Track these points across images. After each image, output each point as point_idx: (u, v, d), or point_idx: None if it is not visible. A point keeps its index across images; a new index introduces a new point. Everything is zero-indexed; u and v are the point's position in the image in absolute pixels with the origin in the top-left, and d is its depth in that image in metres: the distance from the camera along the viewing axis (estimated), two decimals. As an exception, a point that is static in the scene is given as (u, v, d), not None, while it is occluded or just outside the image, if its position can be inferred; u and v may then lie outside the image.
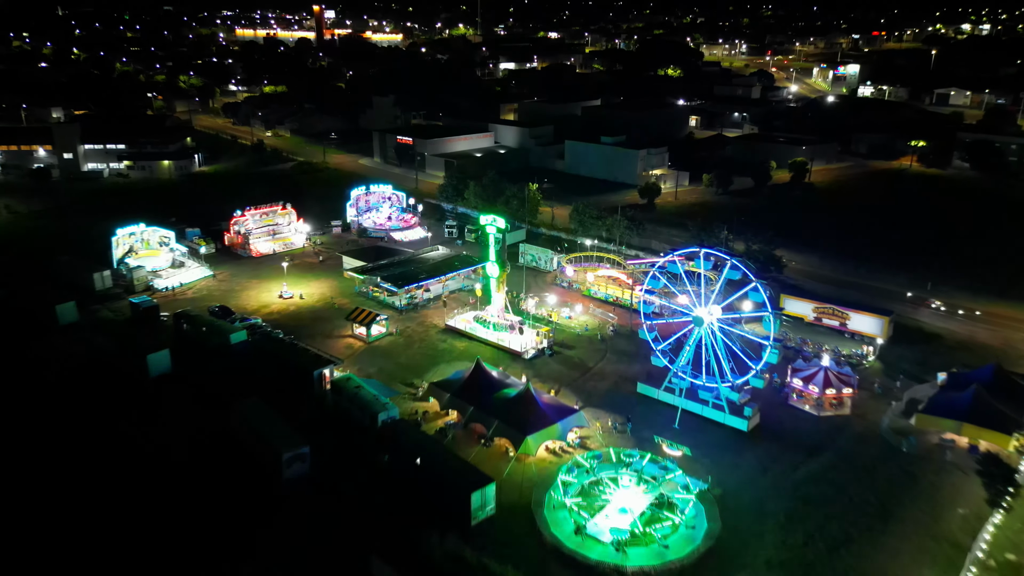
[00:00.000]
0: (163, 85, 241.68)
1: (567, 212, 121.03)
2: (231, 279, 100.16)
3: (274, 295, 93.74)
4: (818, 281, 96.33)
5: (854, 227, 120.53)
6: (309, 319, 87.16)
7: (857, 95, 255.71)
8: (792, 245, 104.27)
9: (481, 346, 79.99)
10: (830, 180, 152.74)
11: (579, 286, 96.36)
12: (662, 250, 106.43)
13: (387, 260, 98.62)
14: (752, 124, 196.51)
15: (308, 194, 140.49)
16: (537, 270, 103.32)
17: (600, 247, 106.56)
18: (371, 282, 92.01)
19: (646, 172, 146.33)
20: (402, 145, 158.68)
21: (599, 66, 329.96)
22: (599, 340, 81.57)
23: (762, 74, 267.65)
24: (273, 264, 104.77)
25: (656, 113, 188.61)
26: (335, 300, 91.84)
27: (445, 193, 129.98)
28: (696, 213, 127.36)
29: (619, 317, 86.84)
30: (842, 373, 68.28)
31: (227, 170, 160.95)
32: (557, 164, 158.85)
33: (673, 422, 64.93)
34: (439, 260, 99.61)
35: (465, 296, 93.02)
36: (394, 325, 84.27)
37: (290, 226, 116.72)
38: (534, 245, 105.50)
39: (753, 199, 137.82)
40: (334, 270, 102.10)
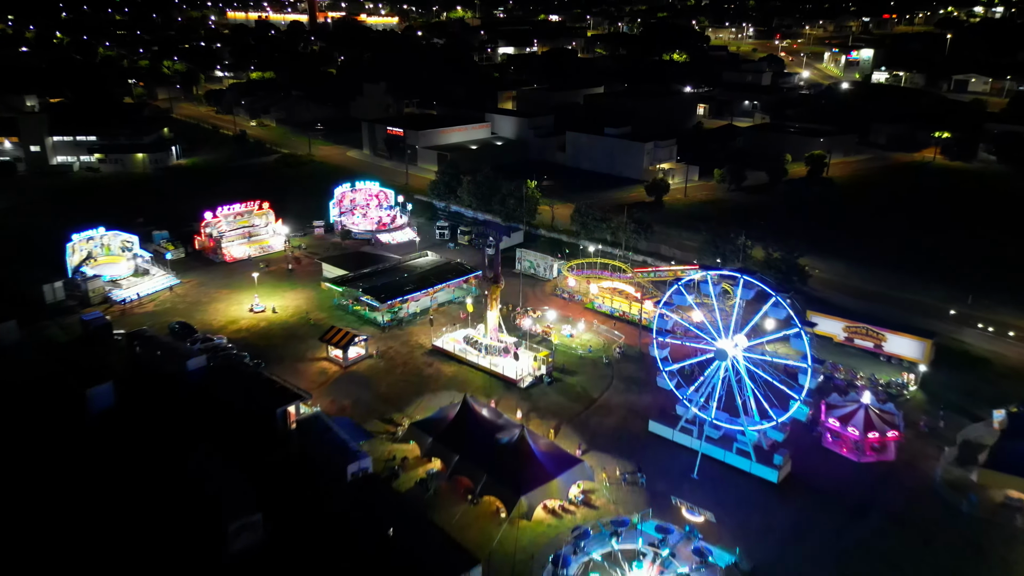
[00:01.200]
0: (146, 71, 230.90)
1: (568, 211, 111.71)
2: (199, 288, 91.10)
3: (244, 308, 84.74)
4: (845, 293, 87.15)
5: (879, 228, 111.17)
6: (281, 337, 78.22)
7: (871, 81, 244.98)
8: (814, 250, 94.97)
9: (472, 371, 71.13)
10: (849, 174, 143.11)
11: (581, 297, 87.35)
12: (672, 256, 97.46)
13: (370, 268, 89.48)
14: (763, 113, 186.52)
15: (291, 190, 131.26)
16: (535, 278, 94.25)
17: (604, 252, 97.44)
18: (351, 295, 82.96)
19: (653, 166, 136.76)
20: (392, 136, 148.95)
21: (601, 50, 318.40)
22: (604, 363, 72.67)
23: (772, 59, 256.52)
24: (248, 270, 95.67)
25: (662, 101, 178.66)
26: (311, 315, 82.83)
27: (436, 190, 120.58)
28: (708, 213, 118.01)
29: (626, 335, 77.88)
30: (884, 410, 59.38)
31: (206, 163, 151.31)
32: (558, 157, 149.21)
33: (691, 469, 56.16)
34: (427, 269, 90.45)
35: (456, 309, 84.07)
36: (375, 346, 75.34)
37: (268, 227, 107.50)
38: (532, 251, 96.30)
39: (768, 196, 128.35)
40: (312, 279, 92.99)
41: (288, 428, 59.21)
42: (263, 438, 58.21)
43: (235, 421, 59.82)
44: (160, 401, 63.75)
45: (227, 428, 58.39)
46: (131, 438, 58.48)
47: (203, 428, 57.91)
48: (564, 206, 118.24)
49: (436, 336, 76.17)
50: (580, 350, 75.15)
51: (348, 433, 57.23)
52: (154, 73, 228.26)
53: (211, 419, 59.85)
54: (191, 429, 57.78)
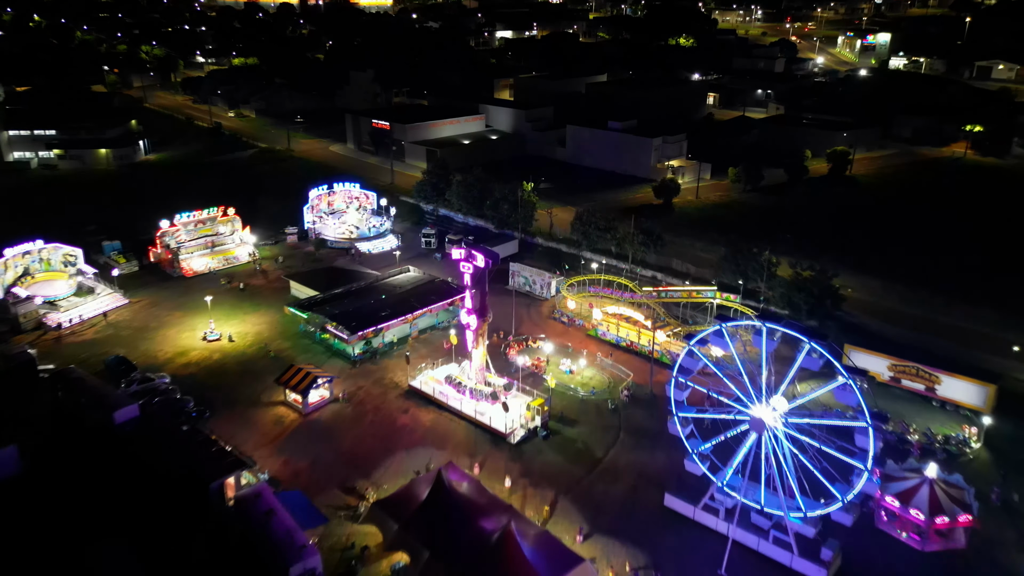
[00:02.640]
0: (123, 56, 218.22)
1: (568, 215, 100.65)
2: (150, 310, 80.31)
3: (198, 336, 74.02)
4: (883, 318, 76.15)
5: (914, 236, 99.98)
6: (235, 374, 67.52)
7: (889, 67, 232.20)
8: (842, 262, 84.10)
9: (454, 420, 60.53)
10: (873, 172, 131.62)
11: (582, 322, 76.59)
12: (686, 272, 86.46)
13: (342, 288, 78.66)
14: (777, 102, 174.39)
15: (266, 189, 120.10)
16: (530, 296, 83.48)
17: (608, 265, 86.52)
18: (317, 322, 72.11)
19: (661, 164, 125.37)
20: (377, 130, 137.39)
21: (604, 34, 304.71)
22: (610, 408, 62.01)
23: (784, 44, 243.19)
24: (208, 286, 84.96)
25: (670, 91, 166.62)
26: (271, 346, 72.03)
27: (423, 192, 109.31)
28: (723, 217, 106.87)
29: (634, 372, 67.15)
30: (952, 484, 48.79)
31: (177, 159, 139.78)
32: (557, 152, 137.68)
33: (717, 562, 45.66)
34: (408, 288, 79.62)
35: (439, 337, 73.38)
36: (342, 386, 64.67)
37: (234, 235, 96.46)
38: (527, 265, 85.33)
39: (787, 197, 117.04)
40: (279, 298, 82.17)
41: (225, 506, 48.67)
42: (191, 522, 47.65)
43: (160, 496, 49.25)
44: (76, 466, 53.11)
45: (149, 506, 47.87)
46: (26, 521, 47.83)
47: (120, 506, 47.44)
48: (564, 210, 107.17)
49: (414, 374, 65.48)
50: (581, 391, 64.49)
51: (299, 514, 46.67)
52: (131, 59, 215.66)
53: (131, 493, 49.27)
54: (105, 507, 47.30)
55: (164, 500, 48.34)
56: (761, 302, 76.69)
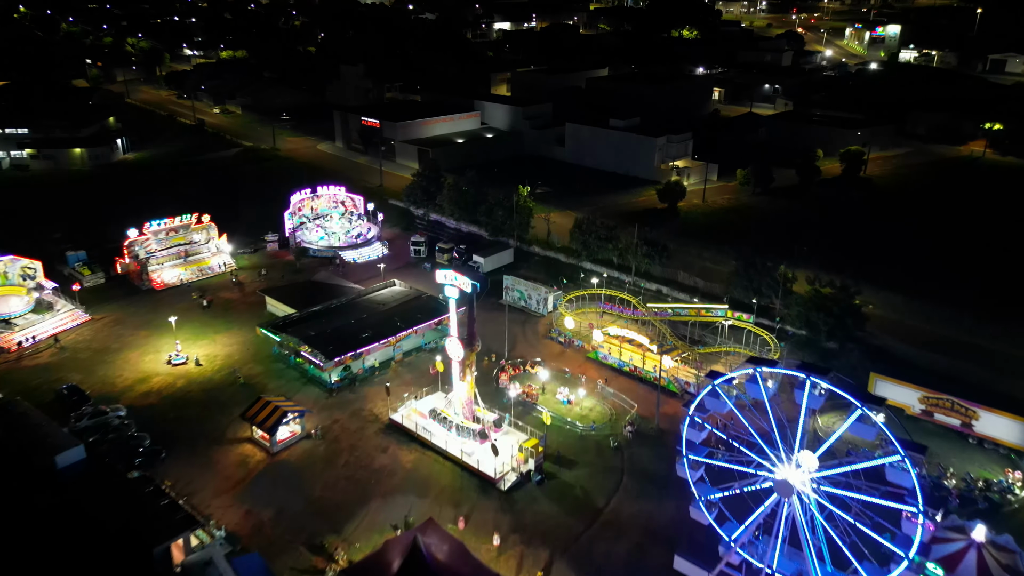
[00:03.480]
0: (108, 49, 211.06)
1: (567, 220, 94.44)
2: (113, 328, 74.15)
3: (163, 358, 67.90)
4: (908, 340, 69.78)
5: (935, 244, 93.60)
6: (199, 404, 61.42)
7: (899, 60, 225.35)
8: (860, 274, 77.94)
9: (438, 461, 54.45)
10: (889, 173, 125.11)
11: (582, 343, 70.43)
12: (694, 286, 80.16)
13: (321, 305, 72.44)
14: (785, 98, 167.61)
15: (248, 192, 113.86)
16: (526, 312, 77.30)
17: (610, 277, 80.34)
18: (291, 346, 65.84)
19: (666, 164, 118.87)
20: (367, 128, 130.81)
21: (605, 26, 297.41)
22: (612, 446, 55.92)
23: (791, 36, 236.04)
24: (180, 301, 79.02)
25: (674, 86, 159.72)
26: (241, 372, 65.84)
27: (413, 196, 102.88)
28: (731, 223, 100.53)
29: (639, 402, 61.05)
30: (1002, 546, 42.69)
31: (157, 158, 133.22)
32: (556, 152, 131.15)
33: (736, 641, 39.71)
34: (392, 305, 73.41)
35: (424, 360, 67.26)
36: (316, 420, 58.58)
37: (209, 244, 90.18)
38: (522, 278, 79.04)
39: (799, 201, 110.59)
40: (253, 315, 76.02)
41: (174, 572, 42.65)
42: (133, 594, 41.63)
43: (96, 562, 43.18)
44: (8, 522, 47.06)
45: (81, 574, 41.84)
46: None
47: (47, 574, 41.46)
48: (563, 215, 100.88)
49: (395, 406, 59.37)
50: (580, 425, 58.37)
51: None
52: (117, 52, 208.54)
53: (62, 557, 43.20)
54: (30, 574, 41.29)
55: (100, 567, 42.34)
56: (777, 322, 70.40)
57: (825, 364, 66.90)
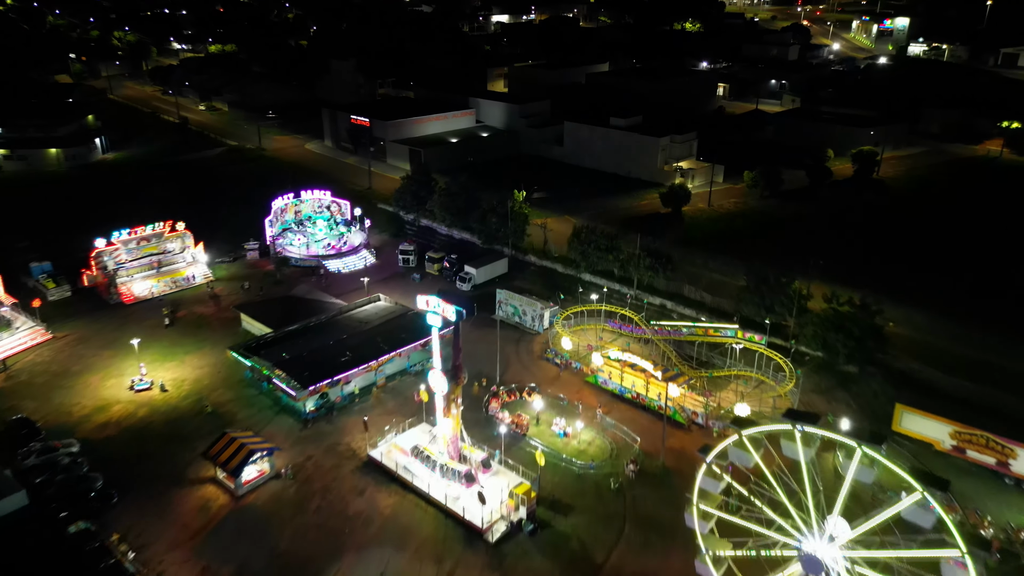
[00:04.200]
0: (94, 43, 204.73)
1: (565, 227, 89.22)
2: (75, 348, 68.82)
3: (126, 383, 62.60)
4: (934, 363, 64.15)
5: (958, 253, 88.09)
6: (161, 438, 56.14)
7: (907, 54, 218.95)
8: (878, 286, 72.81)
9: (419, 506, 49.22)
10: (902, 173, 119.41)
11: (580, 366, 65.12)
12: (700, 300, 74.77)
13: (299, 324, 67.10)
14: (792, 94, 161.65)
15: (231, 195, 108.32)
16: (520, 329, 71.97)
17: (611, 290, 75.05)
18: (263, 373, 60.43)
19: (669, 165, 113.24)
20: (357, 127, 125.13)
21: (606, 18, 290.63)
22: (612, 488, 50.66)
23: (797, 29, 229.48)
24: (150, 317, 73.76)
25: (677, 82, 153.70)
26: (209, 400, 60.55)
27: (402, 200, 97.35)
28: (739, 230, 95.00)
29: (642, 435, 55.77)
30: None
31: (137, 159, 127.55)
32: (554, 151, 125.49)
33: None
34: (376, 323, 68.07)
35: (409, 384, 62.00)
36: (286, 458, 53.31)
37: (184, 253, 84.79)
38: (516, 294, 73.56)
39: (810, 205, 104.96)
40: (227, 333, 70.70)
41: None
42: None
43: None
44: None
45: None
46: None
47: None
48: (560, 220, 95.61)
49: (374, 441, 54.10)
50: (578, 463, 53.10)
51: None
52: (103, 46, 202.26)
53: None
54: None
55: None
56: (792, 345, 65.02)
57: (843, 389, 62.22)
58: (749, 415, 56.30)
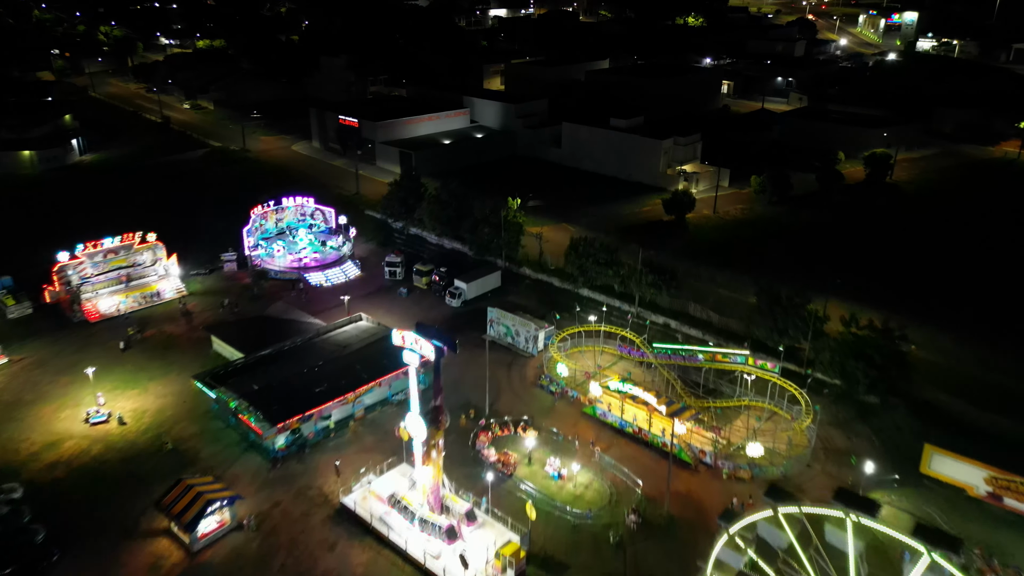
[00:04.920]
0: (80, 38, 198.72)
1: (562, 236, 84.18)
2: (31, 373, 63.55)
3: (81, 415, 57.42)
4: (962, 393, 59.04)
5: (983, 265, 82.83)
6: (114, 480, 50.92)
7: (916, 50, 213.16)
8: (897, 304, 67.65)
9: (396, 565, 44.07)
10: (916, 176, 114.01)
11: (577, 394, 59.91)
12: (705, 318, 69.54)
13: (272, 348, 61.88)
14: (799, 91, 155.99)
15: (212, 200, 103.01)
16: (513, 351, 66.74)
17: (610, 307, 69.88)
18: (230, 406, 55.19)
19: (672, 169, 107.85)
20: (345, 128, 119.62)
21: (606, 12, 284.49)
22: (612, 542, 45.46)
23: (803, 24, 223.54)
24: (115, 337, 68.49)
25: (679, 80, 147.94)
26: (170, 435, 55.34)
27: (390, 208, 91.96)
28: (747, 239, 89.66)
29: (644, 478, 50.57)
30: None
31: (116, 161, 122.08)
32: (552, 153, 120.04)
33: None
34: (356, 346, 62.81)
35: (391, 416, 56.76)
36: (250, 506, 48.11)
37: (156, 266, 79.47)
38: (508, 313, 68.26)
39: (820, 211, 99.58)
40: (196, 356, 65.49)
41: None
42: None
43: None
44: None
45: None
46: None
47: None
48: (557, 228, 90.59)
49: (348, 486, 48.93)
50: (573, 511, 47.89)
51: None
52: (89, 41, 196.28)
53: None
54: None
55: None
56: (808, 375, 59.74)
57: (864, 421, 57.04)
58: (762, 456, 51.40)
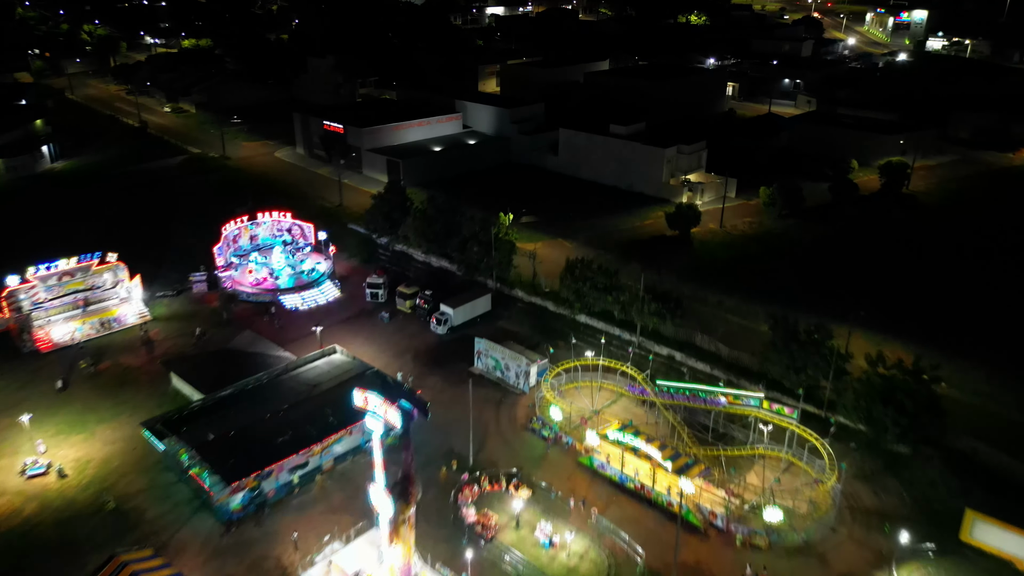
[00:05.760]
0: (63, 37, 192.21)
1: (558, 253, 78.20)
2: (-31, 414, 57.52)
3: (17, 465, 51.31)
4: (1004, 444, 52.65)
5: (1014, 285, 76.57)
6: (45, 548, 44.81)
7: (926, 49, 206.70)
8: (923, 334, 61.51)
9: (360, 659, 38.08)
10: (933, 186, 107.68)
11: (572, 441, 53.79)
12: (714, 350, 63.35)
13: (233, 387, 55.76)
14: (807, 94, 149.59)
15: (187, 212, 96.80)
16: (503, 387, 60.63)
17: (609, 336, 63.87)
18: (181, 461, 49.03)
19: (675, 179, 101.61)
20: (330, 133, 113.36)
21: (606, 10, 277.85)
22: (610, 627, 39.48)
23: (809, 22, 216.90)
24: (68, 371, 62.32)
25: (683, 82, 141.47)
26: (114, 491, 49.19)
27: (373, 222, 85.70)
28: (757, 258, 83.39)
29: (647, 545, 44.42)
30: None
31: (89, 168, 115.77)
32: (548, 161, 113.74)
33: None
34: (326, 385, 56.68)
35: (363, 469, 50.46)
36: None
37: (117, 289, 73.29)
38: (497, 344, 62.06)
39: (834, 225, 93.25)
40: (153, 394, 59.35)
41: None
42: None
43: None
44: None
45: None
46: None
47: None
48: (552, 244, 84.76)
49: (309, 559, 42.80)
50: (566, 588, 41.89)
51: None
52: (72, 40, 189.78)
53: None
54: None
55: None
56: (831, 423, 53.52)
57: (893, 474, 50.91)
58: (782, 521, 45.29)
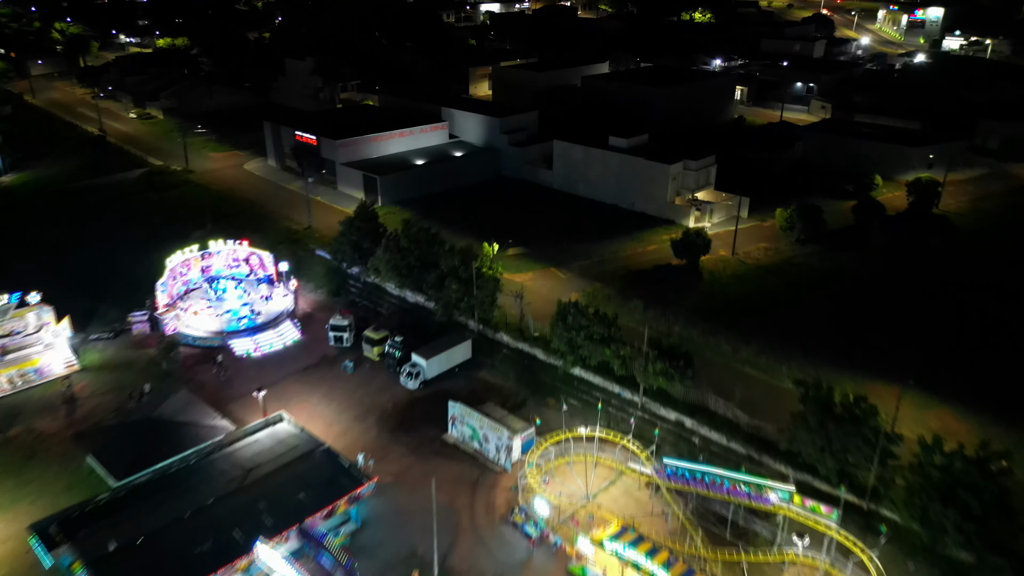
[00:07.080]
0: (32, 36, 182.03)
1: (550, 286, 68.60)
2: None
3: None
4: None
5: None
6: None
7: (943, 49, 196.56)
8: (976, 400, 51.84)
9: None
10: (966, 205, 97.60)
11: (561, 541, 44.16)
12: (732, 418, 53.55)
13: (150, 474, 46.09)
14: (821, 99, 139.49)
15: (138, 235, 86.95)
16: (479, 461, 51.01)
17: (608, 396, 54.30)
18: (69, 570, 39.51)
19: (682, 198, 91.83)
20: (302, 145, 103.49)
21: (606, 7, 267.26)
22: None
23: (820, 21, 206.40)
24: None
25: (688, 87, 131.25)
26: (-14, 620, 39.81)
27: (341, 252, 75.82)
28: (775, 293, 73.48)
29: None
30: None
31: (42, 182, 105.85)
32: (541, 175, 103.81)
33: None
34: (265, 469, 46.90)
35: None
36: None
37: (40, 333, 63.62)
38: (475, 411, 52.32)
39: (860, 254, 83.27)
40: (59, 473, 49.70)
41: None
42: None
43: None
44: None
45: None
46: None
47: None
48: (543, 274, 74.97)
49: None
50: None
51: None
52: (42, 39, 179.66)
53: None
54: None
55: None
56: (882, 534, 43.59)
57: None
58: (825, 672, 35.69)
